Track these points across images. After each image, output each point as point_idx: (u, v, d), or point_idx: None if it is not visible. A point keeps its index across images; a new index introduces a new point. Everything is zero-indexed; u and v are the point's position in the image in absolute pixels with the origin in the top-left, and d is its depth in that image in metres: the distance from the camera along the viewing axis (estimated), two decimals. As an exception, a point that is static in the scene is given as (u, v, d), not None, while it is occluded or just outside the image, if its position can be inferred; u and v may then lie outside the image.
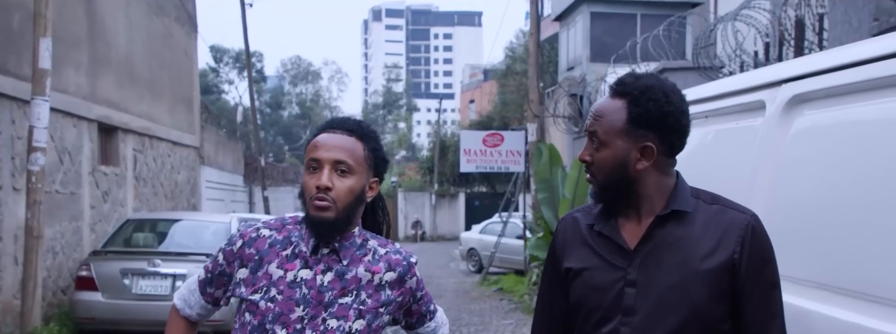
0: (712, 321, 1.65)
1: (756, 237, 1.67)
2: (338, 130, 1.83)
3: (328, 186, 1.76)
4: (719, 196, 1.75)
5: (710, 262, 1.64)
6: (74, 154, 9.19)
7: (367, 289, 1.84)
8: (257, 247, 1.85)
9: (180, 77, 13.80)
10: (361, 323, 1.82)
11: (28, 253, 7.18)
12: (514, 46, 37.64)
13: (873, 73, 1.89)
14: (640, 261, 1.69)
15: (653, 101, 1.65)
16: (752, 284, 1.65)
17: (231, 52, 59.30)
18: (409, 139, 67.11)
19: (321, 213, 1.77)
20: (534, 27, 12.90)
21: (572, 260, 1.78)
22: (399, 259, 1.91)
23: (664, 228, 1.69)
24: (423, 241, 31.67)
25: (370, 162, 1.84)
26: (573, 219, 1.85)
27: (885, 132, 1.85)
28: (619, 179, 1.69)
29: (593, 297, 1.72)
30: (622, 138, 1.67)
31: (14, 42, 7.81)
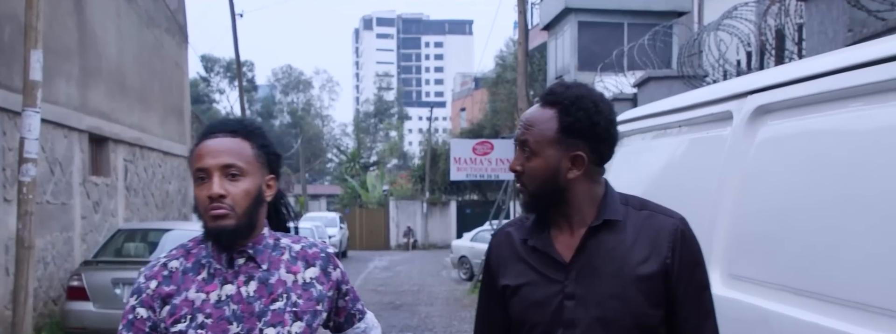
0: (651, 327, 1.68)
1: (686, 241, 1.70)
2: (219, 134, 1.74)
3: (221, 194, 1.67)
4: (647, 201, 1.78)
5: (645, 269, 1.66)
6: (65, 165, 9.24)
7: (295, 290, 1.78)
8: (174, 281, 1.75)
9: (171, 87, 13.86)
10: (300, 325, 1.77)
11: (19, 264, 7.21)
12: (504, 55, 37.83)
13: (830, 86, 1.99)
14: (577, 273, 1.69)
15: (583, 111, 1.66)
16: (685, 287, 1.68)
17: (222, 62, 59.36)
18: (401, 147, 67.17)
19: (220, 222, 1.68)
20: (522, 37, 13.04)
21: (509, 277, 1.77)
22: (316, 252, 1.85)
23: (597, 238, 1.70)
24: (415, 249, 31.69)
25: (262, 160, 1.76)
26: (506, 235, 1.84)
27: (843, 141, 1.95)
28: (551, 188, 1.70)
29: (533, 312, 1.72)
30: (553, 147, 1.68)
31: (5, 54, 7.87)
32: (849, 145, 1.91)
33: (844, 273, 1.88)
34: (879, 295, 1.73)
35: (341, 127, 71.80)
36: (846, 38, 5.00)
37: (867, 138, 1.84)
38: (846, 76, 1.92)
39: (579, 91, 1.70)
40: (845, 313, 1.84)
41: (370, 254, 28.18)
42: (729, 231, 2.31)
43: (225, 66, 59.54)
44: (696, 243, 1.73)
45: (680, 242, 1.69)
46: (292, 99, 70.33)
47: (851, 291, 1.85)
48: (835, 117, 1.98)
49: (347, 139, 67.99)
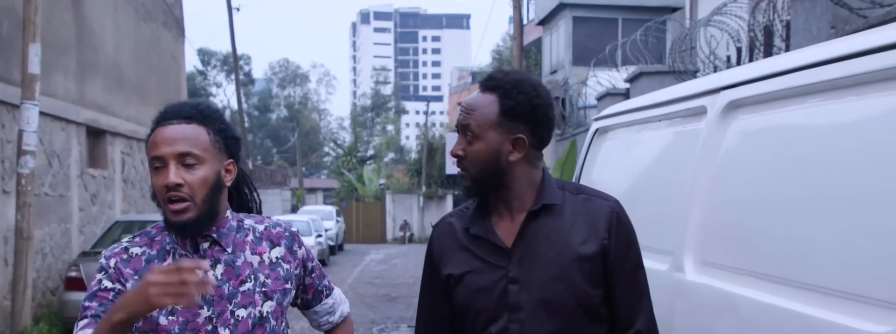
0: (593, 307, 1.73)
1: (621, 222, 1.77)
2: (174, 120, 1.70)
3: (178, 183, 1.64)
4: (583, 186, 1.85)
5: (584, 250, 1.72)
6: (63, 157, 9.33)
7: (262, 271, 1.78)
8: (133, 266, 1.73)
9: (168, 81, 13.93)
10: (271, 304, 1.77)
11: (18, 255, 7.32)
12: (500, 49, 37.93)
13: (795, 82, 2.10)
14: (519, 258, 1.74)
15: (523, 94, 1.71)
16: (621, 266, 1.75)
17: (218, 55, 59.30)
18: (398, 141, 67.22)
19: (181, 217, 1.66)
20: (517, 32, 13.13)
21: (452, 266, 1.81)
22: (280, 231, 1.85)
23: (537, 222, 1.74)
24: (412, 243, 31.81)
25: (219, 145, 1.73)
26: (448, 225, 1.87)
27: (806, 134, 2.06)
28: (492, 171, 1.73)
29: (479, 299, 1.76)
30: (495, 130, 1.71)
31: (3, 47, 7.95)
32: (811, 138, 2.02)
33: (808, 259, 1.98)
34: (839, 280, 1.83)
35: (338, 121, 71.88)
36: (830, 35, 5.10)
37: (828, 132, 1.95)
38: (809, 73, 2.03)
39: (519, 76, 1.76)
40: (808, 296, 1.95)
41: (366, 248, 28.29)
42: (701, 219, 2.42)
43: (221, 60, 59.48)
44: (630, 225, 1.80)
45: (616, 224, 1.75)
46: (289, 92, 70.31)
47: (814, 276, 1.95)
48: (799, 112, 2.09)
49: (344, 133, 68.04)
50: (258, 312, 1.73)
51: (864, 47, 1.84)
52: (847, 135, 1.86)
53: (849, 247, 1.78)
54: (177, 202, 1.64)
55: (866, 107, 1.79)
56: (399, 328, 9.60)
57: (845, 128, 1.88)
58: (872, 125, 1.76)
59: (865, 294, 1.68)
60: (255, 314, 1.73)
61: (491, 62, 39.40)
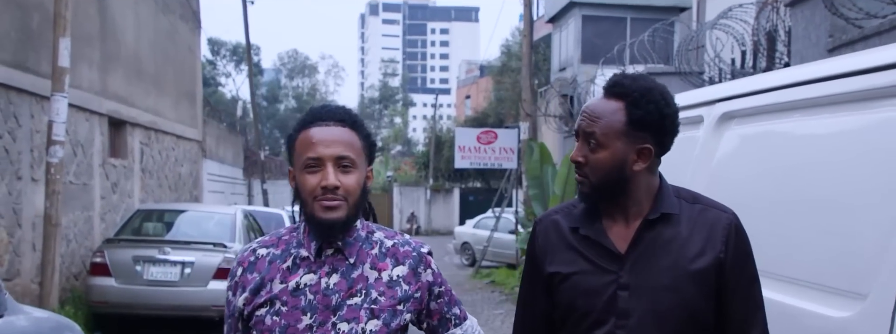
0: (704, 319, 1.70)
1: (739, 235, 1.73)
2: (329, 122, 1.71)
3: (336, 185, 1.65)
4: (698, 194, 1.81)
5: (699, 263, 1.68)
6: (87, 147, 9.64)
7: (377, 287, 1.73)
8: (259, 269, 1.75)
9: (184, 73, 14.23)
10: (376, 323, 1.70)
11: (47, 240, 7.63)
12: (510, 44, 38.04)
13: (781, 98, 2.37)
14: (632, 265, 1.70)
15: (653, 104, 1.66)
16: (736, 280, 1.71)
17: (228, 45, 59.52)
18: (405, 134, 67.48)
19: (332, 215, 1.66)
20: (527, 29, 13.37)
21: (557, 265, 1.77)
22: (408, 250, 1.80)
23: (653, 231, 1.71)
24: (418, 235, 32.08)
25: (367, 151, 1.75)
26: (553, 222, 1.83)
27: (789, 145, 2.33)
28: (614, 180, 1.69)
29: (585, 301, 1.72)
30: (621, 140, 1.67)
31: (33, 41, 8.25)
32: (792, 148, 2.29)
33: (787, 255, 2.26)
34: (812, 273, 2.11)
35: (346, 112, 71.90)
36: (827, 43, 5.36)
37: (806, 143, 2.23)
38: (792, 91, 2.30)
39: (647, 83, 1.70)
40: (786, 287, 2.23)
41: (373, 239, 28.53)
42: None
43: (231, 50, 59.70)
44: (747, 238, 1.76)
45: (734, 237, 1.72)
46: (298, 83, 70.55)
47: (792, 269, 2.23)
48: (783, 125, 2.37)
49: (352, 125, 68.14)
50: (361, 329, 1.68)
51: (839, 71, 2.11)
52: (821, 147, 2.13)
53: (820, 245, 2.06)
54: (331, 199, 1.65)
55: (838, 123, 2.06)
56: (407, 317, 9.88)
57: (820, 140, 2.16)
58: (842, 139, 2.03)
59: (832, 285, 1.95)
60: (357, 330, 1.68)
61: (499, 56, 39.55)
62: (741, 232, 1.75)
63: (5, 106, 7.69)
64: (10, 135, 7.77)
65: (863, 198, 1.86)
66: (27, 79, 8.02)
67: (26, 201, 8.07)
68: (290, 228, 1.80)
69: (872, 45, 4.70)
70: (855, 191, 1.92)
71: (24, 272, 7.99)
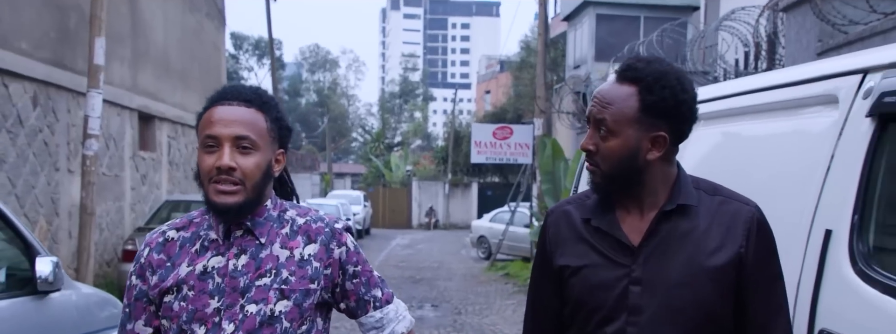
0: (720, 317, 1.60)
1: (762, 230, 1.63)
2: (233, 101, 1.65)
3: (231, 166, 1.59)
4: (718, 185, 1.72)
5: (718, 258, 1.58)
6: (118, 140, 10.14)
7: (288, 266, 1.67)
8: (167, 252, 1.69)
9: (209, 69, 14.72)
10: (286, 304, 1.65)
11: (83, 228, 8.12)
12: (529, 39, 38.25)
13: (736, 104, 2.72)
14: (645, 258, 1.61)
15: (668, 89, 1.56)
16: (758, 278, 1.61)
17: (250, 39, 60.22)
18: (425, 128, 67.87)
19: (226, 199, 1.61)
20: (541, 28, 13.70)
21: (568, 257, 1.69)
22: (321, 226, 1.73)
23: (669, 223, 1.62)
24: (437, 229, 32.46)
25: (274, 134, 1.68)
26: (564, 213, 1.75)
27: (742, 144, 2.69)
28: (627, 169, 1.61)
29: (595, 296, 1.64)
30: (634, 127, 1.58)
31: (70, 40, 8.73)
32: (743, 148, 2.65)
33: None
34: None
35: (366, 107, 72.59)
36: (817, 47, 5.67)
37: (753, 143, 2.58)
38: (743, 98, 2.65)
39: (661, 67, 1.60)
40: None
41: (392, 233, 29.03)
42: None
43: (254, 44, 60.38)
44: (771, 232, 1.66)
45: (756, 231, 1.61)
46: (319, 78, 71.11)
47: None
48: (737, 127, 2.73)
49: (372, 119, 68.78)
50: (269, 310, 1.63)
51: (772, 83, 2.46)
52: (761, 148, 2.49)
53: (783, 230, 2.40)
54: (225, 183, 1.60)
55: (772, 127, 2.42)
56: (423, 307, 10.31)
57: (761, 142, 2.51)
58: (775, 141, 2.39)
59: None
60: (266, 311, 1.63)
61: (519, 51, 39.80)
62: (765, 226, 1.64)
63: (44, 101, 8.18)
64: (48, 129, 8.26)
65: (789, 190, 2.21)
66: (65, 76, 8.50)
67: (63, 191, 8.56)
68: (201, 211, 1.74)
69: (856, 49, 5.02)
70: (783, 184, 2.27)
71: (61, 258, 8.49)
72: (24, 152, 7.74)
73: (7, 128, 7.39)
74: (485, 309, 10.21)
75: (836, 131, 2.00)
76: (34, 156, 7.95)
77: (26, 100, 7.79)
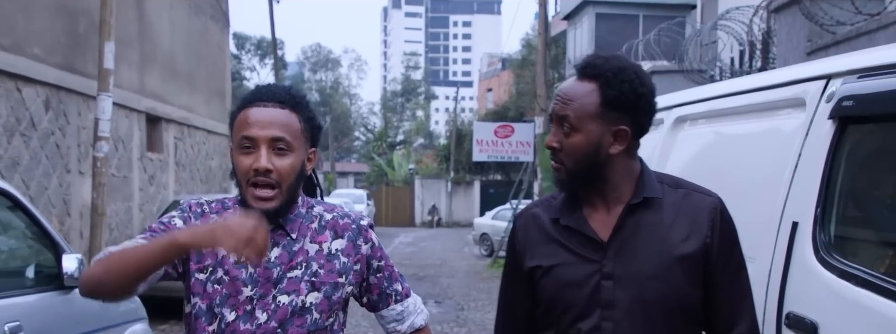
0: (691, 307, 1.64)
1: (725, 220, 1.68)
2: (268, 102, 1.67)
3: (268, 168, 1.63)
4: (681, 179, 1.76)
5: (685, 248, 1.62)
6: (127, 142, 10.34)
7: (317, 260, 1.73)
8: (203, 222, 1.72)
9: (214, 71, 14.92)
10: (317, 295, 1.71)
11: (94, 228, 8.32)
12: (530, 38, 38.38)
13: (716, 106, 2.91)
14: (615, 253, 1.64)
15: (627, 83, 1.60)
16: (723, 267, 1.65)
17: (253, 40, 60.40)
18: (427, 127, 68.02)
19: (265, 205, 1.65)
20: (541, 27, 13.89)
21: (539, 258, 1.71)
22: (347, 223, 1.79)
23: (635, 216, 1.65)
24: (439, 227, 32.64)
25: (307, 134, 1.71)
26: (533, 216, 1.78)
27: (722, 142, 2.88)
28: (591, 165, 1.64)
29: (568, 293, 1.66)
30: (596, 122, 1.61)
31: (80, 45, 8.93)
32: (724, 146, 2.84)
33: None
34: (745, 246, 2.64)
35: (369, 106, 72.74)
36: (806, 47, 5.85)
37: (732, 141, 2.77)
38: (723, 100, 2.84)
39: (620, 62, 1.64)
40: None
41: (395, 231, 29.21)
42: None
43: (256, 44, 60.55)
44: (733, 223, 1.71)
45: (720, 221, 1.66)
46: (321, 77, 71.25)
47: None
48: (718, 127, 2.92)
49: (375, 118, 68.94)
50: (300, 301, 1.68)
51: (747, 87, 2.65)
52: (739, 146, 2.68)
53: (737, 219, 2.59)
54: (263, 188, 1.64)
55: (749, 127, 2.61)
56: (426, 304, 10.40)
57: (739, 140, 2.70)
58: (752, 140, 2.58)
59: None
60: (297, 302, 1.68)
61: (520, 49, 39.95)
62: (727, 216, 1.70)
63: (56, 105, 8.39)
64: (60, 132, 8.47)
65: (764, 186, 2.39)
66: (75, 79, 8.71)
67: (75, 192, 8.77)
68: (234, 201, 1.77)
69: (843, 49, 5.21)
70: (757, 178, 2.45)
71: (73, 257, 8.71)
72: (36, 154, 7.95)
73: (21, 131, 7.59)
74: (487, 305, 10.40)
75: (804, 132, 2.18)
76: (46, 158, 8.16)
77: (39, 104, 8.00)
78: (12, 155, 7.44)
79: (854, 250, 2.01)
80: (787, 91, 2.38)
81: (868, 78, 1.93)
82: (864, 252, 2.00)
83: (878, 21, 4.91)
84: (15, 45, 7.50)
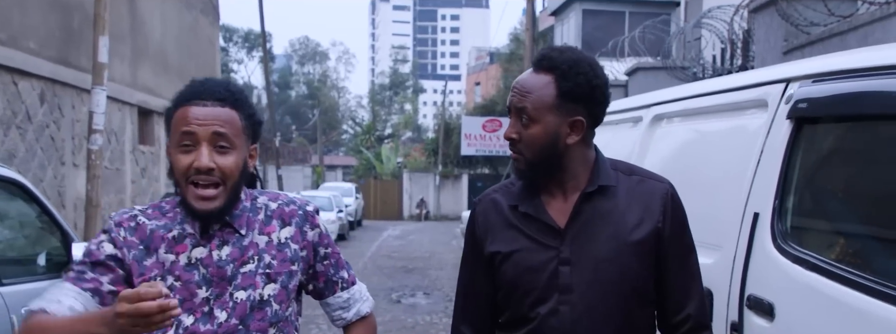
0: (644, 289, 1.71)
1: (676, 205, 1.75)
2: (207, 101, 1.61)
3: (210, 167, 1.58)
4: (634, 166, 1.83)
5: (638, 233, 1.69)
6: (119, 135, 10.47)
7: (269, 251, 1.69)
8: (139, 235, 1.66)
9: (205, 64, 15.02)
10: (274, 287, 1.68)
11: (88, 220, 8.45)
12: (518, 32, 38.56)
13: (689, 105, 3.12)
14: (572, 239, 1.69)
15: (582, 75, 1.65)
16: (675, 249, 1.73)
17: (240, 32, 60.23)
18: (415, 120, 68.10)
19: (207, 205, 1.60)
20: (529, 23, 14.08)
21: (498, 244, 1.75)
22: (294, 209, 1.76)
23: (591, 203, 1.71)
24: (428, 220, 32.81)
25: (248, 131, 1.67)
26: (492, 202, 1.81)
27: (694, 139, 3.08)
28: (549, 155, 1.68)
29: (527, 278, 1.71)
30: (552, 113, 1.66)
31: (74, 39, 9.04)
32: (695, 142, 3.04)
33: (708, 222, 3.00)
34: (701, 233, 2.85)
35: (357, 99, 72.75)
36: (782, 47, 6.07)
37: (703, 138, 2.98)
38: (705, 99, 3.05)
39: (575, 55, 1.69)
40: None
41: (384, 224, 29.35)
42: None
43: (243, 36, 60.36)
44: (683, 208, 1.79)
45: (671, 206, 1.73)
46: (309, 70, 71.13)
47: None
48: (691, 125, 3.12)
49: (363, 111, 68.95)
50: (258, 295, 1.66)
51: (729, 86, 2.86)
52: (708, 143, 2.89)
53: (702, 212, 2.80)
54: (206, 187, 1.59)
55: (717, 126, 2.82)
56: (415, 295, 10.69)
57: (708, 137, 2.91)
58: (719, 137, 2.79)
59: (705, 240, 2.70)
60: (255, 296, 1.66)
61: (508, 43, 40.12)
62: (678, 201, 1.76)
63: (51, 98, 8.51)
64: (54, 125, 8.59)
65: (731, 180, 2.59)
66: (69, 73, 8.83)
67: (69, 184, 8.90)
68: (173, 203, 1.73)
69: (817, 49, 5.42)
70: (725, 173, 2.66)
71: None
72: (32, 147, 8.08)
73: (17, 124, 7.72)
74: (475, 296, 10.59)
75: (766, 130, 2.39)
76: (42, 150, 8.29)
77: (34, 97, 8.12)
78: (9, 147, 7.57)
79: (807, 238, 2.22)
80: (752, 93, 2.58)
81: (821, 82, 2.13)
82: (816, 240, 2.21)
83: (849, 23, 5.13)
84: (11, 39, 7.62)
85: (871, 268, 1.93)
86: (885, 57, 1.88)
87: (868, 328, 1.79)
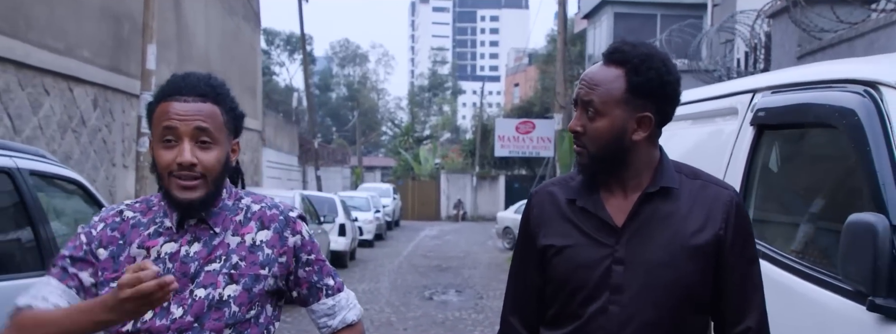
0: (699, 298, 1.66)
1: (740, 213, 1.69)
2: (188, 96, 1.62)
3: (192, 162, 1.59)
4: (699, 170, 1.77)
5: (698, 239, 1.64)
6: (165, 137, 11.01)
7: (238, 252, 1.68)
8: (121, 230, 1.68)
9: (246, 69, 15.58)
10: (235, 288, 1.66)
11: (137, 218, 8.97)
12: (554, 33, 38.56)
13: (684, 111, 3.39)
14: (628, 239, 1.66)
15: (653, 70, 1.61)
16: (735, 260, 1.66)
17: (282, 35, 61.19)
18: (454, 122, 68.39)
19: (188, 195, 1.61)
20: (561, 26, 14.33)
21: (552, 237, 1.73)
22: (275, 214, 1.74)
23: (652, 204, 1.67)
24: (464, 221, 32.99)
25: (230, 125, 1.68)
26: (549, 194, 1.78)
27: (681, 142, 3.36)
28: (614, 150, 1.65)
29: (578, 275, 1.68)
30: (621, 108, 1.62)
31: (123, 47, 9.58)
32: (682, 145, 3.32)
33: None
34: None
35: (396, 100, 73.22)
36: (796, 52, 6.27)
37: (688, 141, 3.26)
38: (688, 106, 3.32)
39: (647, 49, 1.66)
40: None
41: (421, 224, 29.68)
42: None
43: (285, 40, 61.32)
44: (748, 216, 1.74)
45: (735, 214, 1.67)
46: (349, 72, 71.93)
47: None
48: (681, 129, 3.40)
49: (402, 113, 69.42)
50: (217, 294, 1.64)
51: (709, 95, 3.13)
52: (693, 145, 3.17)
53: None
54: (187, 179, 1.61)
55: (699, 130, 3.10)
56: (447, 292, 11.01)
57: (693, 140, 3.19)
58: (701, 140, 3.06)
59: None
60: (214, 296, 1.64)
61: (545, 45, 40.18)
62: (742, 210, 1.71)
63: (103, 103, 9.05)
64: (106, 129, 9.14)
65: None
66: (120, 79, 9.37)
67: (119, 185, 9.44)
68: (159, 196, 1.73)
69: (828, 54, 5.63)
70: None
71: (118, 245, 9.37)
72: (86, 150, 8.61)
73: (72, 128, 8.26)
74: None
75: (735, 136, 2.67)
76: (94, 153, 8.82)
77: (88, 103, 8.66)
78: (65, 150, 8.10)
79: (767, 232, 2.49)
80: (727, 102, 2.86)
81: (778, 93, 2.41)
82: (774, 233, 2.49)
83: (857, 29, 5.33)
84: (67, 49, 8.15)
85: (813, 257, 2.20)
86: (822, 72, 2.15)
87: (812, 310, 2.02)
